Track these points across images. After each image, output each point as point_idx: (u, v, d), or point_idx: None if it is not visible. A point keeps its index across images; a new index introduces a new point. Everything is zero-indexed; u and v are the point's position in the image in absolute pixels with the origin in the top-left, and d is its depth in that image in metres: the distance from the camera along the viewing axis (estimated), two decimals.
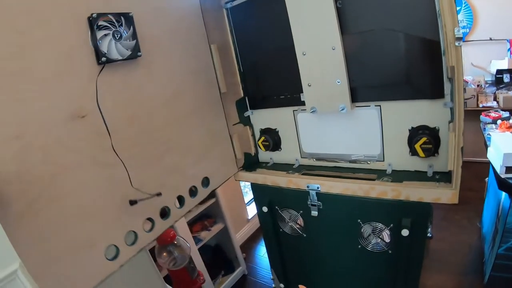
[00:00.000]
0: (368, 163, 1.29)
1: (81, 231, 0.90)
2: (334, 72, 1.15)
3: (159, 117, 1.13)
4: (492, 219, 2.38)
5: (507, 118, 2.71)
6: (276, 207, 1.47)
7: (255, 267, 3.01)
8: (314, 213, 1.33)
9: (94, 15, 0.91)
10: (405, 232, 1.11)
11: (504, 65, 3.96)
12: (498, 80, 3.93)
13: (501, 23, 3.98)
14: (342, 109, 1.18)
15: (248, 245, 3.18)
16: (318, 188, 1.26)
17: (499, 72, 3.92)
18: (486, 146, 2.25)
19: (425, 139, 1.10)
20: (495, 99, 3.84)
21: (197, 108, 1.27)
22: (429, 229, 2.94)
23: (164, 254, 2.06)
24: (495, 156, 1.94)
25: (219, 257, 2.91)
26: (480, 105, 3.79)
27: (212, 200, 2.66)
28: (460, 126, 0.96)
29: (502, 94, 3.71)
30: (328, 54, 1.13)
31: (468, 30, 4.20)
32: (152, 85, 1.10)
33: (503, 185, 1.80)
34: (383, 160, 1.26)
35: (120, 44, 0.97)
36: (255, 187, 1.50)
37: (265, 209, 1.48)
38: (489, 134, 2.32)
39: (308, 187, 1.29)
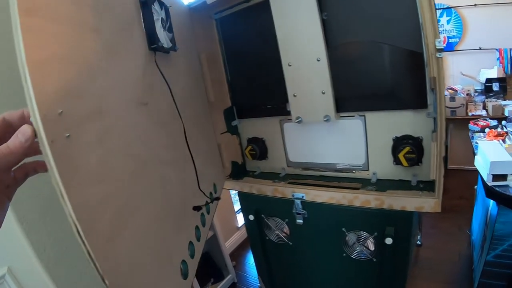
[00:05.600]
0: (353, 172, 1.31)
1: (159, 245, 0.78)
2: (319, 83, 1.17)
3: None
4: (481, 227, 2.40)
5: (495, 127, 2.73)
6: (262, 216, 1.48)
7: (245, 275, 2.99)
8: (299, 221, 1.33)
9: None
10: (388, 241, 1.12)
11: (493, 74, 4.02)
12: (487, 88, 3.98)
13: (490, 32, 4.05)
14: (327, 119, 1.19)
15: (238, 253, 3.17)
16: (303, 197, 1.27)
17: (488, 81, 3.98)
18: (475, 155, 2.28)
19: (408, 148, 1.11)
20: (484, 107, 3.88)
21: (193, 115, 1.23)
22: (418, 237, 2.95)
23: None
24: (482, 164, 1.96)
25: (208, 265, 2.89)
26: (470, 114, 3.83)
27: None
28: (442, 136, 0.97)
29: (491, 103, 3.76)
30: (313, 65, 1.15)
31: (457, 39, 4.26)
32: (176, 83, 1.04)
33: (490, 193, 1.82)
34: (368, 169, 1.27)
35: (165, 33, 0.92)
36: (241, 196, 1.51)
37: (251, 217, 1.48)
38: (476, 143, 2.35)
39: (293, 195, 1.29)
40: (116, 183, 0.66)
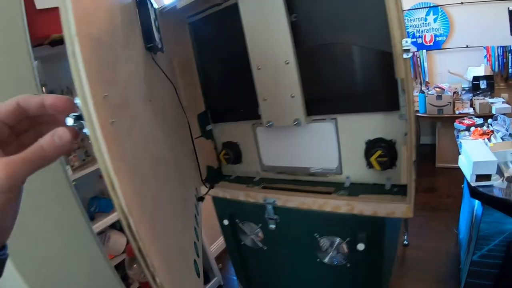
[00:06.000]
0: (327, 176, 1.28)
1: (176, 245, 0.76)
2: (288, 86, 1.14)
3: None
4: (467, 226, 2.39)
5: (481, 125, 2.72)
6: (237, 220, 1.46)
7: (231, 277, 2.97)
8: (272, 226, 1.31)
9: None
10: (361, 246, 1.10)
11: (480, 71, 4.04)
12: (474, 86, 4.00)
13: (477, 30, 4.07)
14: (297, 123, 1.17)
15: (225, 256, 3.14)
16: (274, 202, 1.25)
17: (476, 78, 3.99)
18: (460, 154, 2.27)
19: (380, 152, 1.09)
20: (471, 105, 3.89)
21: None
22: (405, 237, 2.94)
23: (134, 266, 2.03)
24: (466, 165, 1.95)
25: None
26: (457, 112, 3.83)
27: None
28: (412, 139, 0.95)
29: (479, 101, 3.77)
30: (282, 68, 1.12)
31: (445, 38, 4.27)
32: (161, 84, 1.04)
33: (474, 193, 1.80)
34: (341, 173, 1.25)
35: (156, 33, 0.90)
36: (216, 201, 1.49)
37: (226, 222, 1.47)
38: (461, 142, 2.34)
39: (265, 200, 1.27)
40: (144, 178, 0.64)
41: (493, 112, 3.59)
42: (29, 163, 0.35)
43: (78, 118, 0.40)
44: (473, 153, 1.88)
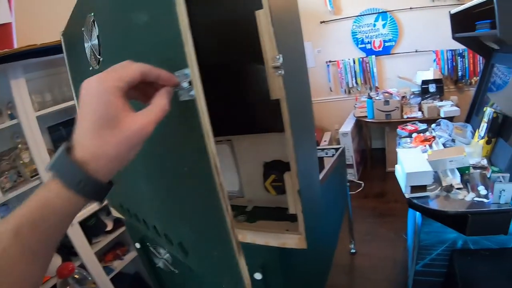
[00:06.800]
0: (231, 199, 1.20)
1: None
2: None
3: None
4: (412, 234, 2.37)
5: (424, 131, 2.71)
6: (148, 244, 1.37)
7: None
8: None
9: None
10: (257, 276, 1.03)
11: (429, 75, 4.10)
12: (424, 90, 4.05)
13: (426, 35, 4.15)
14: None
15: None
16: None
17: (425, 82, 4.05)
18: None
19: (274, 176, 1.02)
20: (420, 109, 3.93)
21: None
22: (352, 245, 2.91)
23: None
24: (401, 175, 1.90)
25: (138, 285, 2.75)
26: (405, 116, 3.86)
27: (123, 228, 2.51)
28: (294, 167, 0.87)
29: (427, 104, 3.81)
30: None
31: (394, 43, 4.33)
32: None
33: (411, 204, 1.76)
34: (244, 196, 1.17)
35: None
36: (126, 223, 1.39)
37: (137, 245, 1.39)
38: (397, 151, 2.30)
39: None
40: None
41: (442, 115, 3.64)
42: (156, 117, 0.46)
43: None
44: (407, 163, 1.83)
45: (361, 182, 4.18)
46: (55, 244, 0.44)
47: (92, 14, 0.87)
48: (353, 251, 2.91)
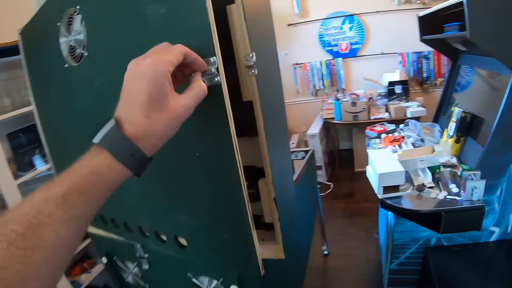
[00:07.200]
0: None
1: None
2: None
3: None
4: (384, 233, 2.38)
5: (392, 131, 2.74)
6: (115, 258, 1.28)
7: None
8: (145, 266, 1.14)
9: None
10: None
11: (395, 77, 4.19)
12: (390, 91, 4.14)
13: (392, 37, 4.25)
14: None
15: None
16: None
17: (391, 84, 4.14)
18: None
19: (247, 183, 0.95)
20: (387, 110, 4.01)
21: None
22: (324, 247, 2.90)
23: None
24: (373, 176, 1.89)
25: None
26: (372, 117, 3.93)
27: (89, 240, 2.37)
28: (269, 173, 0.82)
29: (394, 105, 3.88)
30: None
31: (360, 45, 4.40)
32: None
33: (384, 205, 1.74)
34: None
35: None
36: (92, 236, 1.30)
37: (104, 260, 1.30)
38: (368, 152, 2.30)
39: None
40: None
41: (408, 115, 3.72)
42: (197, 99, 0.53)
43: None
44: (379, 164, 1.82)
45: (330, 183, 4.21)
46: (96, 211, 0.47)
47: (78, 7, 0.82)
48: (326, 252, 2.90)
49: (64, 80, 0.96)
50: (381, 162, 1.82)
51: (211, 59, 0.56)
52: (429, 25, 2.18)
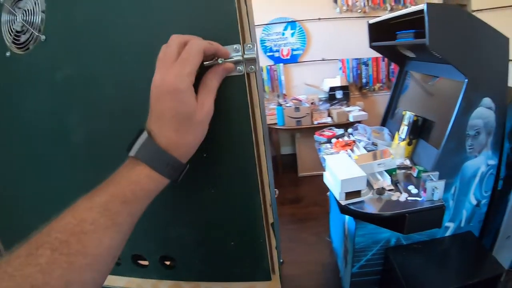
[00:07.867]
0: None
1: None
2: None
3: None
4: (340, 237, 2.38)
5: (341, 135, 2.76)
6: None
7: None
8: None
9: None
10: None
11: (336, 82, 4.34)
12: (331, 96, 4.26)
13: (332, 44, 4.39)
14: None
15: None
16: None
17: (332, 89, 4.27)
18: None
19: None
20: (329, 115, 4.11)
21: None
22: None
23: None
24: (333, 183, 1.84)
25: None
26: (315, 122, 4.01)
27: None
28: (266, 196, 0.72)
29: (336, 110, 4.00)
30: None
31: (301, 52, 4.48)
32: None
33: (345, 211, 1.71)
34: None
35: None
36: None
37: None
38: (324, 157, 2.28)
39: None
40: None
41: (351, 119, 3.85)
42: (214, 96, 0.53)
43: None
44: (339, 170, 1.77)
45: (275, 189, 4.15)
46: (137, 219, 0.48)
47: None
48: (280, 260, 2.84)
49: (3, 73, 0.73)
50: (341, 168, 1.78)
51: (235, 46, 0.54)
52: (379, 32, 2.25)
